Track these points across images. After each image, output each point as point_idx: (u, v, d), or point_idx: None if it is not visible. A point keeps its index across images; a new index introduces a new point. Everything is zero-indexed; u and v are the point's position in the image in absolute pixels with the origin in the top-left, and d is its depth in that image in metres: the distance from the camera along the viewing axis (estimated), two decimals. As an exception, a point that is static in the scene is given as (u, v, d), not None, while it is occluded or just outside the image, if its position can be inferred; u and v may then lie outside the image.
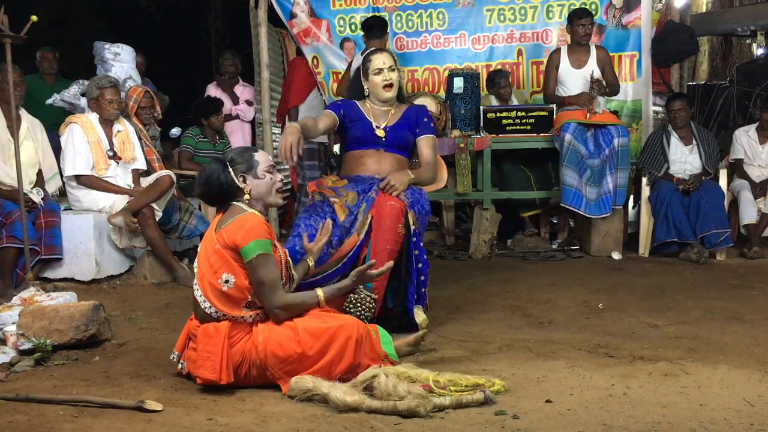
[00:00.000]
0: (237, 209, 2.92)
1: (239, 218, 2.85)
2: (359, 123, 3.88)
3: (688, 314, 4.04)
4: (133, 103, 5.65)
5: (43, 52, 6.96)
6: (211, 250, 2.86)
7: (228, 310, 2.83)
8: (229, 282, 2.82)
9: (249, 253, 2.80)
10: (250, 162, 2.97)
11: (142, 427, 2.48)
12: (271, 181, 3.00)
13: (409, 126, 3.92)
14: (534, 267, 5.60)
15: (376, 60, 3.89)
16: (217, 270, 2.83)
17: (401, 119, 3.92)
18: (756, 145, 6.28)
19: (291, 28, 6.93)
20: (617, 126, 5.87)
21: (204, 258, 2.88)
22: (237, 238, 2.80)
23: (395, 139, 3.87)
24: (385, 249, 3.48)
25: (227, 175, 2.92)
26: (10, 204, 4.68)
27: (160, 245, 5.01)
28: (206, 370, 2.77)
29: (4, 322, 3.57)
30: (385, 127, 3.88)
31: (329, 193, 3.67)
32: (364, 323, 3.00)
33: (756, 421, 2.48)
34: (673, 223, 5.73)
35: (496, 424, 2.47)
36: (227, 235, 2.82)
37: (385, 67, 3.86)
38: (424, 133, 3.93)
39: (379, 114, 3.93)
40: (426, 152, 3.92)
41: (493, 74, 6.65)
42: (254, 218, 2.86)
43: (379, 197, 3.59)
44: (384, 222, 3.52)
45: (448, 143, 6.17)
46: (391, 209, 3.54)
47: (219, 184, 2.91)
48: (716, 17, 8.72)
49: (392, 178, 3.65)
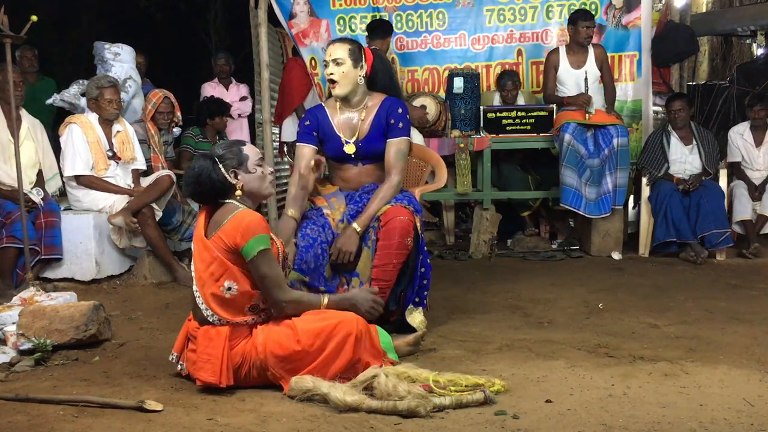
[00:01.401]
0: (229, 208, 2.86)
1: (234, 217, 2.80)
2: (330, 141, 3.65)
3: (688, 314, 4.04)
4: (151, 107, 5.65)
5: (23, 51, 6.90)
6: (209, 257, 2.80)
7: (230, 317, 2.82)
8: (231, 289, 2.80)
9: (250, 251, 2.76)
10: (239, 156, 2.88)
11: (142, 427, 2.48)
12: (262, 174, 2.94)
13: (381, 132, 3.61)
14: (534, 267, 5.60)
15: (327, 52, 3.56)
16: (219, 278, 2.79)
17: (372, 127, 3.60)
18: (752, 148, 6.26)
19: (290, 29, 6.92)
20: (617, 126, 5.87)
21: (202, 266, 2.82)
22: (236, 238, 2.76)
23: (368, 152, 3.63)
24: (390, 263, 3.44)
25: (218, 172, 2.84)
26: (10, 204, 4.68)
27: (160, 245, 5.01)
28: (206, 373, 2.77)
29: (4, 322, 3.57)
30: (356, 141, 3.61)
31: (321, 202, 3.65)
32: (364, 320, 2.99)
33: (756, 421, 2.48)
34: (673, 223, 5.73)
35: (496, 424, 2.47)
36: (226, 237, 2.78)
37: (329, 60, 3.51)
38: (392, 136, 3.59)
39: (346, 122, 3.63)
40: (389, 159, 3.58)
41: (501, 75, 6.63)
42: (249, 215, 2.81)
43: (388, 211, 3.47)
44: (394, 239, 3.42)
45: (448, 143, 6.18)
46: (401, 224, 3.43)
47: (210, 182, 2.83)
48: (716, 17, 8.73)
49: (340, 246, 3.43)
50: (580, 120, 5.85)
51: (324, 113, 3.69)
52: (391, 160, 3.59)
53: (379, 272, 3.45)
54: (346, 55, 3.51)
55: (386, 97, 3.67)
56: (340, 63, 3.51)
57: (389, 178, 3.58)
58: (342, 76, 3.52)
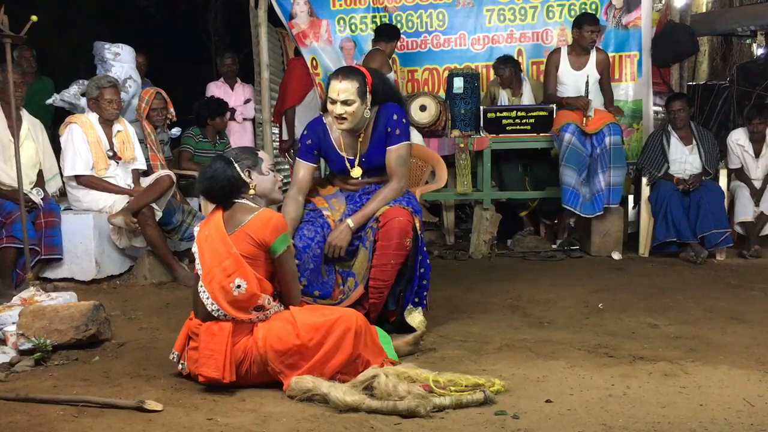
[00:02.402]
0: (247, 207, 2.93)
1: (260, 216, 2.88)
2: (332, 158, 3.66)
3: (688, 314, 4.04)
4: (144, 105, 5.65)
5: (21, 51, 6.87)
6: (225, 253, 2.84)
7: (236, 314, 2.83)
8: (240, 287, 2.82)
9: (279, 247, 2.89)
10: (254, 158, 3.01)
11: (142, 427, 2.48)
12: (274, 178, 3.05)
13: (382, 144, 3.59)
14: (534, 267, 5.60)
15: (332, 87, 3.47)
16: (231, 274, 2.82)
17: (373, 141, 3.60)
18: (752, 161, 6.23)
19: (290, 29, 6.92)
20: (609, 125, 5.86)
21: (215, 261, 2.84)
22: (266, 235, 2.85)
23: (373, 164, 3.63)
24: (389, 263, 3.44)
25: (233, 170, 2.94)
26: (10, 204, 4.68)
27: (160, 245, 5.01)
28: (209, 369, 2.78)
29: (4, 322, 3.57)
30: (361, 157, 3.61)
31: (321, 204, 3.65)
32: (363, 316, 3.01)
33: (756, 421, 2.48)
34: (673, 223, 5.72)
35: (496, 424, 2.47)
36: (255, 234, 2.84)
37: (338, 99, 3.43)
38: (391, 144, 3.57)
39: (349, 140, 3.62)
40: (390, 165, 3.58)
41: (495, 63, 6.58)
42: (274, 214, 2.94)
43: (387, 212, 3.47)
44: (392, 240, 3.42)
45: (448, 143, 6.18)
46: (399, 224, 3.42)
47: (226, 178, 2.92)
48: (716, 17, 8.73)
49: (331, 240, 3.46)
50: (579, 124, 5.85)
51: (325, 129, 3.66)
52: (392, 166, 3.59)
53: (377, 272, 3.45)
54: (355, 95, 3.44)
55: (381, 106, 3.61)
56: (350, 104, 3.44)
57: (391, 183, 3.59)
58: (351, 115, 3.47)
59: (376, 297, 3.49)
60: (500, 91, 6.62)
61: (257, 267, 2.87)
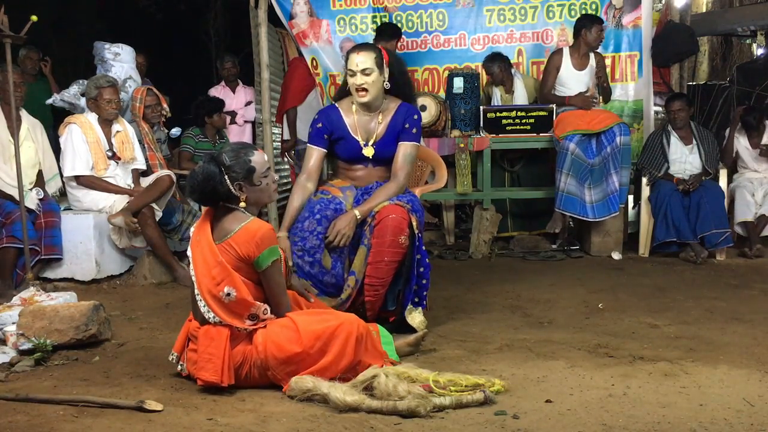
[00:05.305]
0: (237, 216, 2.88)
1: (246, 228, 2.82)
2: (345, 141, 3.70)
3: (688, 314, 4.04)
4: (138, 104, 5.64)
5: (28, 52, 6.87)
6: (212, 261, 2.81)
7: (230, 320, 2.82)
8: (230, 295, 2.80)
9: (264, 262, 2.82)
10: (246, 169, 2.87)
11: (142, 427, 2.48)
12: (267, 187, 2.97)
13: (395, 136, 3.70)
14: (534, 267, 5.60)
15: (351, 60, 3.62)
16: (220, 282, 2.80)
17: (389, 130, 3.69)
18: (756, 164, 6.25)
19: (291, 29, 6.92)
20: (620, 124, 5.86)
21: (204, 269, 2.83)
22: (250, 250, 2.80)
23: (383, 154, 3.70)
24: (383, 260, 3.45)
25: (224, 184, 2.84)
26: (10, 204, 4.68)
27: (160, 245, 5.01)
28: (207, 372, 2.77)
29: (4, 322, 3.57)
30: (374, 143, 3.69)
31: (336, 192, 3.66)
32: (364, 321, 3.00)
33: (756, 421, 2.48)
34: (673, 223, 5.72)
35: (496, 424, 2.47)
36: (239, 247, 2.80)
37: (357, 70, 3.58)
38: (403, 140, 3.69)
39: (364, 125, 3.70)
40: (397, 160, 3.67)
41: (484, 62, 6.52)
42: (261, 226, 2.84)
43: (383, 209, 3.49)
44: (386, 237, 3.43)
45: (448, 143, 6.18)
46: (393, 222, 3.43)
47: (214, 191, 2.85)
48: (716, 17, 8.71)
49: (338, 226, 3.48)
50: (585, 129, 5.81)
51: (338, 114, 3.73)
52: (399, 162, 3.67)
53: (372, 269, 3.46)
54: (373, 64, 3.59)
55: (402, 103, 3.76)
56: (368, 73, 3.58)
57: (396, 179, 3.64)
58: (371, 85, 3.60)
59: (371, 295, 3.49)
60: (493, 89, 6.62)
61: (246, 275, 2.84)
